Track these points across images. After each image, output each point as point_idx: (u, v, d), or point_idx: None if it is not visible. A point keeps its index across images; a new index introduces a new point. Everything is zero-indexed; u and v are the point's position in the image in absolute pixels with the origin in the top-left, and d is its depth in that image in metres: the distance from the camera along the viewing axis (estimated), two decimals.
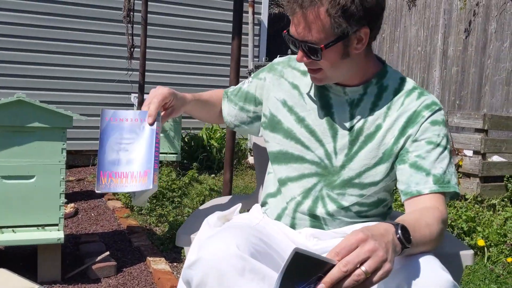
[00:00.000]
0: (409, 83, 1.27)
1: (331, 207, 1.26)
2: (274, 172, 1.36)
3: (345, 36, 1.12)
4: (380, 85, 1.25)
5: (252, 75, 1.45)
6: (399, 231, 0.94)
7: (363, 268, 0.84)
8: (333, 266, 0.85)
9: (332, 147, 1.26)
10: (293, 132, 1.30)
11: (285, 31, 1.19)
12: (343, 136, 1.25)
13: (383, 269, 0.86)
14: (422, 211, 1.12)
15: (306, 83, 1.32)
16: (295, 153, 1.30)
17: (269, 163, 1.42)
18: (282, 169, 1.33)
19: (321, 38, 1.11)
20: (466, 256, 1.32)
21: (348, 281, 0.84)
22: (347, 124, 1.25)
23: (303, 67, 1.32)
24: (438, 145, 1.18)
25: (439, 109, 1.22)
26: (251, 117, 1.44)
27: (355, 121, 1.24)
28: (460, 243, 1.42)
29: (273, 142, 1.35)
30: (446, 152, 1.19)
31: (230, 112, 1.46)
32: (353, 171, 1.24)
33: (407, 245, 0.95)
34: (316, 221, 1.28)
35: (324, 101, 1.28)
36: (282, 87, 1.35)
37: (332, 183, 1.26)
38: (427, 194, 1.15)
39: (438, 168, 1.17)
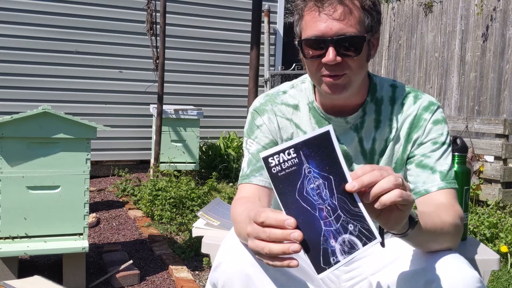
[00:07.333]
0: (401, 88, 1.26)
1: None
2: None
3: (373, 32, 1.12)
4: (375, 101, 1.25)
5: (245, 136, 1.31)
6: None
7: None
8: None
9: None
10: None
11: (295, 39, 1.15)
12: (360, 162, 1.25)
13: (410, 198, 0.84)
14: (439, 206, 1.11)
15: (304, 119, 1.27)
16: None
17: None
18: None
19: (360, 30, 1.08)
20: (492, 261, 1.32)
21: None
22: (359, 149, 1.25)
23: (292, 101, 1.28)
24: (443, 143, 1.21)
25: (438, 108, 1.23)
26: None
27: (365, 144, 1.24)
28: (486, 248, 1.42)
29: None
30: (450, 150, 1.22)
31: None
32: None
33: (415, 218, 0.93)
34: None
35: None
36: (282, 126, 1.27)
37: None
38: (435, 191, 1.16)
39: (444, 164, 1.19)
